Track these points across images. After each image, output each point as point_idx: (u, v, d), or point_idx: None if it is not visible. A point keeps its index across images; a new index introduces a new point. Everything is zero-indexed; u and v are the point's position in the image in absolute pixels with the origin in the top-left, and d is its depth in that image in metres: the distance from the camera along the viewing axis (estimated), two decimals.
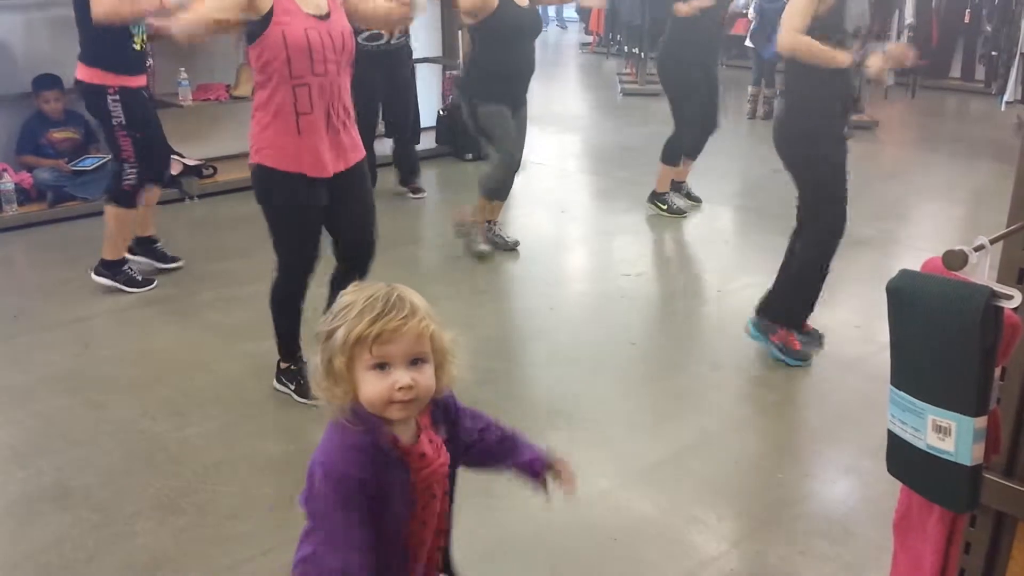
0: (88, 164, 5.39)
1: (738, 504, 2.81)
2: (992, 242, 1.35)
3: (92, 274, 4.35)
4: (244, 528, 2.64)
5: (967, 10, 10.26)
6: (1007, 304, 1.27)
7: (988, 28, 10.03)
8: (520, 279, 4.77)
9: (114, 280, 4.34)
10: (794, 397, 3.55)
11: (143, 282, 4.39)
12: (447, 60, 7.36)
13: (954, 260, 1.32)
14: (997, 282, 1.36)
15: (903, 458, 1.43)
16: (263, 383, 3.45)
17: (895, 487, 1.53)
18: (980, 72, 10.49)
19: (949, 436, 1.34)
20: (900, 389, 1.40)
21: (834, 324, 3.92)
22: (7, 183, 5.20)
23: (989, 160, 7.35)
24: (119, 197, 4.22)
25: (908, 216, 6.10)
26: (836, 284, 3.91)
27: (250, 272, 4.28)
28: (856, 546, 2.58)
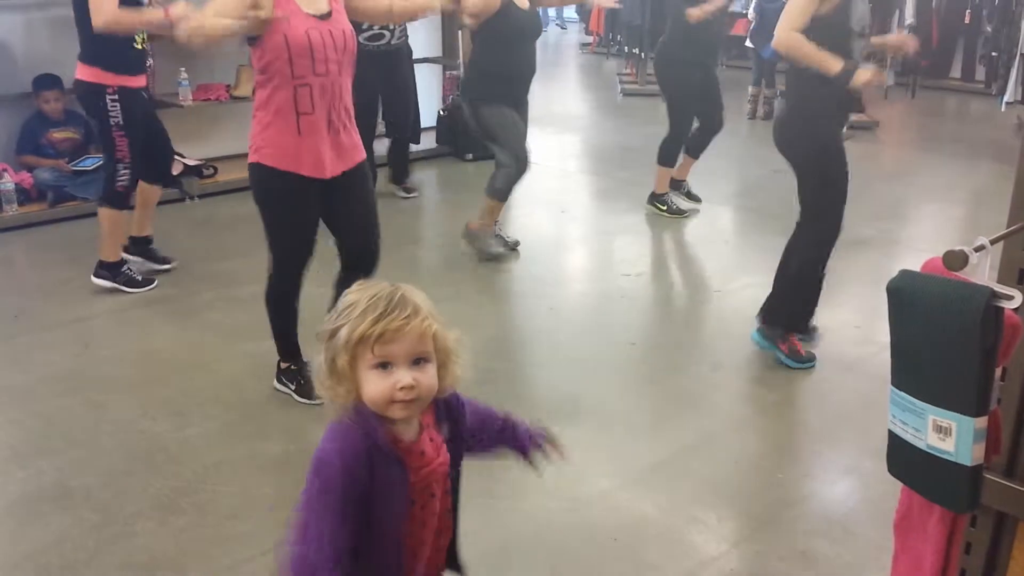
0: (88, 164, 5.38)
1: (738, 504, 2.81)
2: (992, 242, 1.35)
3: (92, 277, 4.35)
4: (244, 528, 2.64)
5: (967, 10, 10.27)
6: (1007, 304, 1.27)
7: (988, 28, 10.04)
8: (520, 279, 4.76)
9: (114, 281, 4.34)
10: (794, 397, 3.55)
11: (143, 282, 4.40)
12: (447, 60, 7.36)
13: (954, 260, 1.32)
14: (997, 282, 1.36)
15: (904, 458, 1.43)
16: (263, 383, 3.45)
17: (895, 487, 1.53)
18: (980, 72, 10.50)
19: (949, 436, 1.34)
20: (900, 389, 1.40)
21: (834, 324, 3.92)
22: (7, 183, 5.20)
23: (989, 160, 7.35)
24: (112, 198, 4.21)
25: (908, 216, 6.10)
26: (836, 284, 3.91)
27: (250, 272, 4.27)
28: (856, 546, 2.58)
